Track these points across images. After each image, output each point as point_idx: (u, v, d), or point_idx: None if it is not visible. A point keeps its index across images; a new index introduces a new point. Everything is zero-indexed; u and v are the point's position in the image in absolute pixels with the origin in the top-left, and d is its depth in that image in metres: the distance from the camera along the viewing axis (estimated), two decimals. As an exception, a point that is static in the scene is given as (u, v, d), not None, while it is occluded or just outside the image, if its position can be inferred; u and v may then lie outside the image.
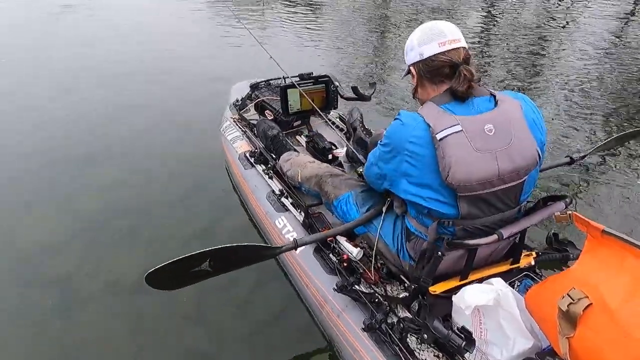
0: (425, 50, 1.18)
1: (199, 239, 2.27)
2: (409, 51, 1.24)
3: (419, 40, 1.20)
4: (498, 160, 1.10)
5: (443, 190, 1.13)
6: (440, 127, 1.09)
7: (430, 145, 1.10)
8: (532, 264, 1.39)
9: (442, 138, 1.08)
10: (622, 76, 4.56)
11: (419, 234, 1.27)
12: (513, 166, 1.12)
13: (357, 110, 2.39)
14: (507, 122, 1.12)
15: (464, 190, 1.10)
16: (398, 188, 1.22)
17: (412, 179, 1.16)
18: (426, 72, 1.20)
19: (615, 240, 1.00)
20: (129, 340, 1.80)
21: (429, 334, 1.19)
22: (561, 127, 3.48)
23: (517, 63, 4.90)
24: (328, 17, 6.82)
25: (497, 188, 1.13)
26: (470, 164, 1.08)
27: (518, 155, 1.12)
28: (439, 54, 1.16)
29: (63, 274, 2.11)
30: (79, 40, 5.61)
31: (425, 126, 1.11)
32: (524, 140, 1.13)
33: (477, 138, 1.09)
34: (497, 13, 7.12)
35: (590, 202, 2.63)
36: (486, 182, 1.11)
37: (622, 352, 0.90)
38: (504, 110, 1.14)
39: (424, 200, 1.16)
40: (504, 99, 1.16)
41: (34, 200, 2.63)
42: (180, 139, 3.29)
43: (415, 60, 1.21)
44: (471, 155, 1.08)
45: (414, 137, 1.12)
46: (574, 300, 0.96)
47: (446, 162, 1.08)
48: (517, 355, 1.12)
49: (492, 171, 1.10)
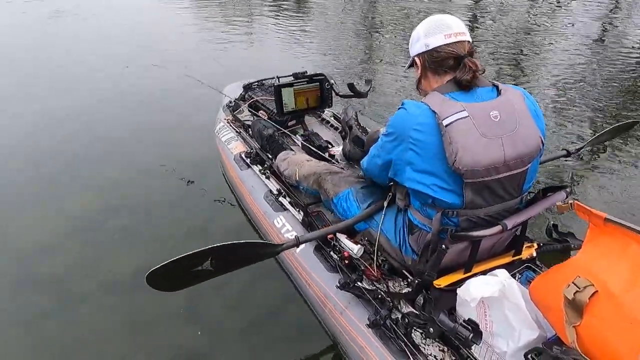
0: (431, 41, 1.20)
1: (196, 241, 2.24)
2: (414, 42, 1.26)
3: (425, 32, 1.21)
4: (504, 146, 1.11)
5: (448, 178, 1.13)
6: (447, 113, 1.10)
7: (436, 132, 1.11)
8: (533, 256, 1.40)
9: (448, 124, 1.09)
10: (611, 71, 4.62)
11: (423, 227, 1.27)
12: (518, 153, 1.13)
13: (352, 108, 2.38)
14: (512, 109, 1.14)
15: (470, 176, 1.11)
16: (402, 176, 1.22)
17: (416, 166, 1.16)
18: (431, 62, 1.22)
19: (618, 227, 1.01)
20: (126, 338, 1.81)
21: (435, 328, 1.19)
22: (552, 122, 3.51)
23: (505, 61, 4.94)
24: (322, 18, 6.84)
25: (502, 175, 1.14)
26: (477, 149, 1.09)
27: (522, 142, 1.13)
28: (444, 46, 1.18)
29: (59, 273, 2.12)
30: (77, 40, 5.68)
31: (431, 114, 1.12)
32: (528, 127, 1.14)
33: (483, 124, 1.10)
34: (484, 13, 7.18)
35: (589, 193, 2.66)
36: (492, 168, 1.12)
37: (629, 338, 0.90)
38: (508, 98, 1.15)
39: (429, 188, 1.16)
40: (506, 88, 1.18)
41: (30, 200, 2.64)
42: (178, 138, 3.29)
43: (421, 50, 1.22)
44: (478, 140, 1.09)
45: (418, 125, 1.13)
46: (579, 288, 0.97)
47: (453, 147, 1.08)
48: (523, 346, 1.12)
49: (498, 157, 1.11)
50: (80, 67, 4.79)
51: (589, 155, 3.00)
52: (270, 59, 5.08)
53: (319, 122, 2.58)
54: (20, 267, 2.16)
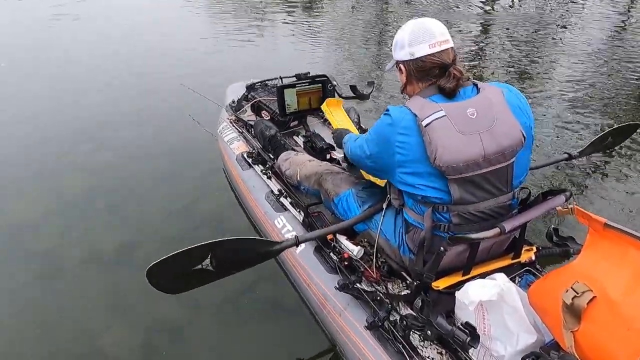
0: (416, 50, 1.21)
1: (196, 240, 2.25)
2: (398, 48, 1.27)
3: (410, 40, 1.22)
4: (483, 141, 1.14)
5: (433, 177, 1.17)
6: (425, 114, 1.14)
7: (417, 133, 1.15)
8: (532, 259, 1.40)
9: (427, 124, 1.13)
10: (617, 78, 4.58)
11: (417, 224, 1.29)
12: (497, 147, 1.15)
13: (354, 110, 2.39)
14: (489, 105, 1.16)
15: (452, 173, 1.14)
16: (394, 179, 1.26)
17: (404, 169, 1.20)
18: (416, 71, 1.24)
19: (617, 233, 1.00)
20: (106, 309, 1.92)
21: (433, 331, 1.18)
22: (557, 126, 3.50)
23: (512, 65, 4.93)
24: (327, 19, 6.84)
25: (485, 170, 1.16)
26: (455, 146, 1.12)
27: (502, 136, 1.15)
28: (429, 55, 1.20)
29: (45, 247, 2.26)
30: (81, 38, 5.82)
31: (412, 116, 1.16)
32: (506, 121, 1.16)
33: (460, 121, 1.14)
34: (495, 15, 7.15)
35: (591, 198, 2.65)
36: (472, 163, 1.14)
37: (627, 344, 0.90)
38: (485, 95, 1.18)
39: (416, 189, 1.20)
40: (484, 86, 1.21)
41: (22, 181, 2.84)
42: (179, 138, 3.30)
43: (406, 59, 1.24)
44: (455, 137, 1.13)
45: (402, 129, 1.17)
46: (578, 293, 0.96)
47: (433, 146, 1.12)
48: (521, 350, 1.12)
49: (477, 152, 1.14)
50: (81, 60, 4.96)
51: (592, 160, 2.98)
52: (276, 59, 5.10)
53: (321, 123, 2.58)
54: (8, 241, 2.31)
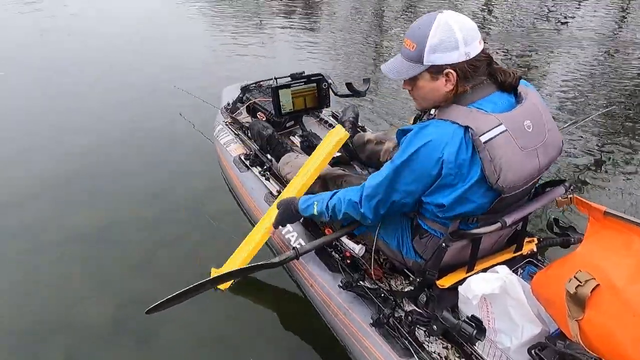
0: (471, 50, 1.07)
1: (196, 246, 2.26)
2: (447, 50, 1.06)
3: (465, 39, 1.06)
4: (539, 156, 1.09)
5: (480, 194, 1.08)
6: (482, 129, 1.02)
7: (471, 151, 1.03)
8: (534, 250, 1.40)
9: (487, 140, 1.01)
10: (613, 74, 4.57)
11: (433, 232, 1.24)
12: (549, 160, 1.12)
13: (352, 109, 2.37)
14: (540, 115, 1.10)
15: (509, 191, 1.07)
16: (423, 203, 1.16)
17: (445, 190, 1.09)
18: (472, 71, 1.09)
19: (617, 220, 1.01)
20: (85, 283, 1.99)
21: (439, 325, 1.18)
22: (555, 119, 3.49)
23: (509, 59, 4.93)
24: (324, 20, 6.82)
25: (532, 183, 1.13)
26: (518, 163, 1.05)
27: (552, 147, 1.12)
28: (481, 53, 1.09)
29: (27, 224, 2.36)
30: (82, 38, 5.77)
31: (461, 130, 1.03)
32: (554, 131, 1.13)
33: (520, 136, 1.05)
34: (495, 12, 7.16)
35: (589, 190, 2.65)
36: (529, 179, 1.10)
37: (632, 330, 0.90)
38: (532, 103, 1.11)
39: (452, 210, 1.12)
40: (524, 90, 1.13)
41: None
42: (179, 140, 3.28)
43: (461, 60, 1.07)
44: (518, 154, 1.05)
45: (451, 147, 1.03)
46: (581, 282, 0.97)
47: (495, 165, 1.02)
48: (527, 341, 1.12)
49: (535, 167, 1.09)
50: (79, 58, 4.93)
51: (591, 156, 2.99)
52: (272, 60, 5.06)
53: (317, 122, 2.58)
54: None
